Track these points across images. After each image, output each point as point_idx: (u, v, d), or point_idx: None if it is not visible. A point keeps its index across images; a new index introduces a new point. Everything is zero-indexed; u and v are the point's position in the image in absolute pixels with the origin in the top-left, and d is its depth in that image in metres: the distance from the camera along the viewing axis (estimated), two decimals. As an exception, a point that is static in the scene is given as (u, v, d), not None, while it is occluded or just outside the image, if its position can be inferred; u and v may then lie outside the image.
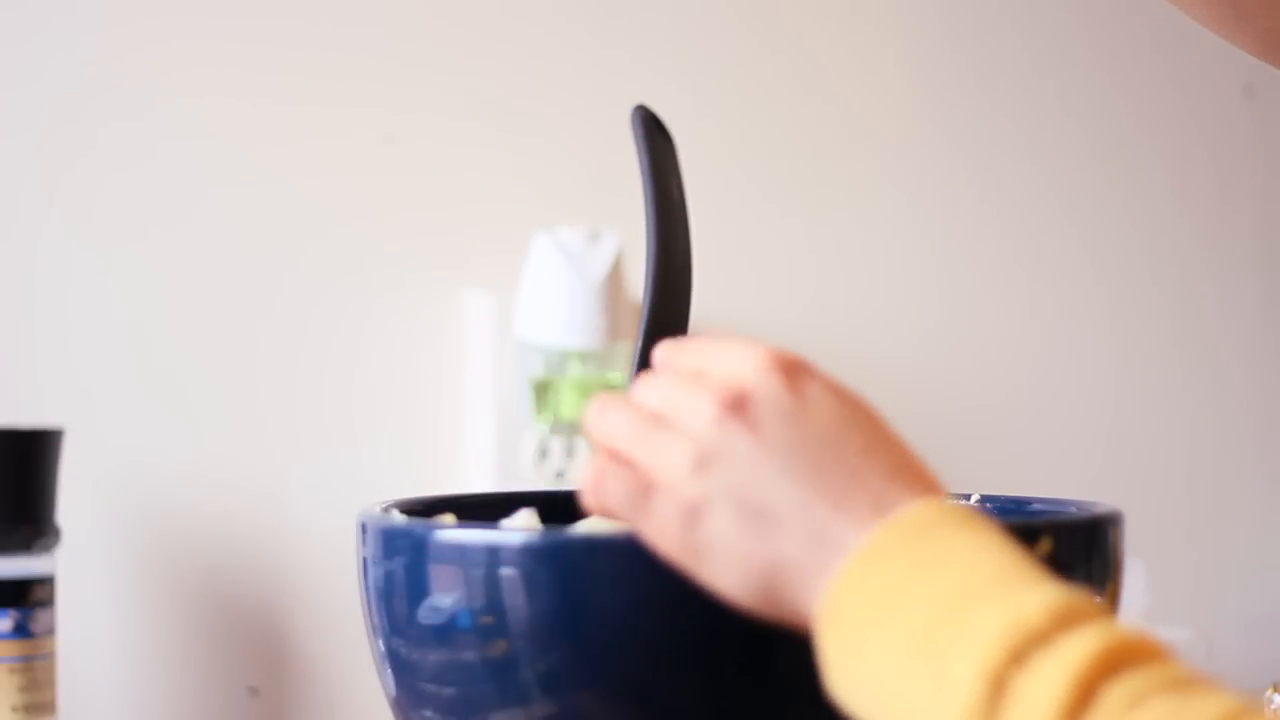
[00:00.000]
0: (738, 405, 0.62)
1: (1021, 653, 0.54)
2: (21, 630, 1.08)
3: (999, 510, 0.79)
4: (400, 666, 0.71)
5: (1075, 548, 0.69)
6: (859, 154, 1.44)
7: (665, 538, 0.62)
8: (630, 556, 0.65)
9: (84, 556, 1.19)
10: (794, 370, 0.63)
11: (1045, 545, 0.65)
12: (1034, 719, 0.53)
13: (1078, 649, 0.54)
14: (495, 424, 1.27)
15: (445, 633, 0.68)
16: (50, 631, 1.10)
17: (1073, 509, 0.76)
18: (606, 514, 0.64)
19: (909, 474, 0.62)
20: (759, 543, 0.61)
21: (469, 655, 0.67)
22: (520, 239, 1.27)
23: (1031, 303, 1.49)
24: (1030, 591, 0.56)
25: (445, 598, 0.68)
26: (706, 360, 0.64)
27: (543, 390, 1.25)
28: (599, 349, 1.24)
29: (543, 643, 0.65)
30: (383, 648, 0.72)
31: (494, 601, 0.66)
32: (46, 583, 1.10)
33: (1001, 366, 1.48)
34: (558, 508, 0.79)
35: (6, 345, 1.20)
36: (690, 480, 0.62)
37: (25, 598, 1.09)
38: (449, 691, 0.69)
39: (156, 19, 1.23)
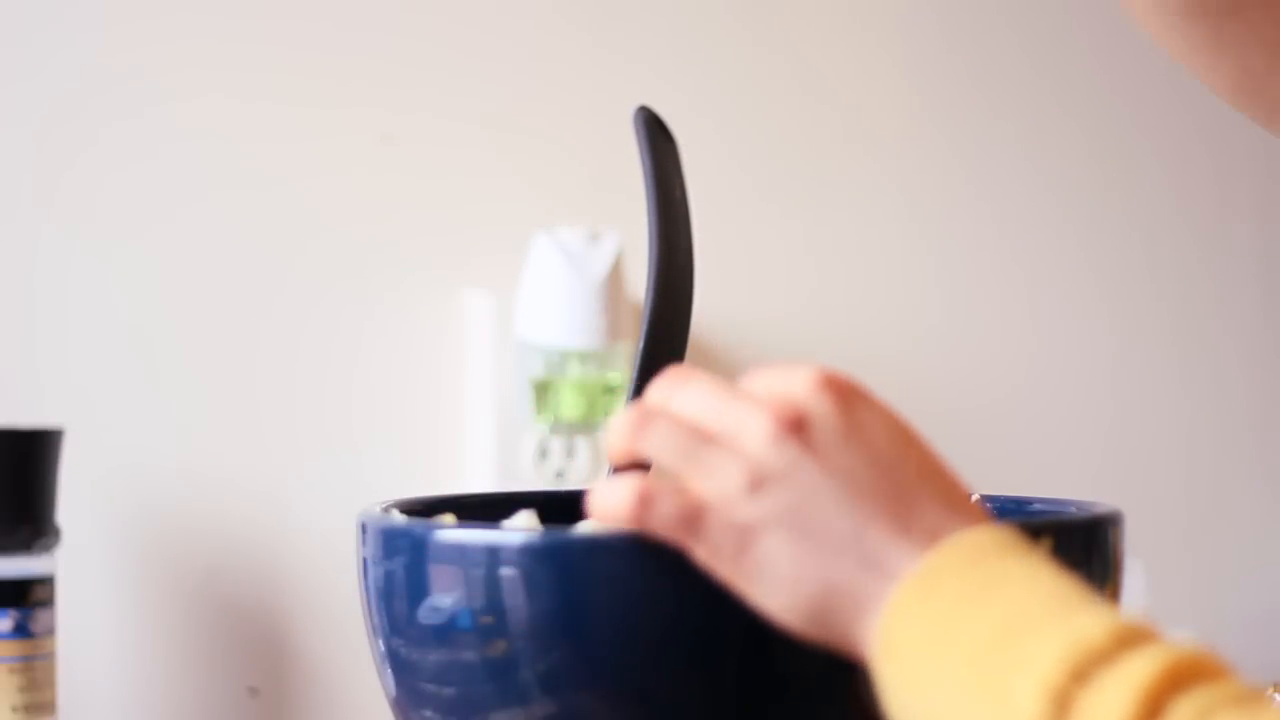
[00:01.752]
0: (796, 426, 0.61)
1: (1084, 672, 0.53)
2: (21, 630, 1.08)
3: (999, 510, 0.79)
4: (400, 666, 0.71)
5: (1075, 548, 0.69)
6: (858, 154, 1.44)
7: (719, 560, 0.61)
8: (630, 556, 0.65)
9: (84, 556, 1.19)
10: (847, 392, 0.62)
11: (1045, 545, 0.65)
12: None
13: (1142, 666, 0.53)
14: (495, 424, 1.27)
15: (445, 633, 0.68)
16: (50, 631, 1.10)
17: (1073, 509, 0.76)
18: (650, 532, 0.63)
19: (959, 500, 0.61)
20: (813, 567, 0.60)
21: (469, 655, 0.67)
22: (520, 239, 1.27)
23: (1030, 302, 1.49)
24: (1089, 615, 0.55)
25: (445, 598, 0.68)
26: (752, 380, 0.63)
27: (543, 390, 1.26)
28: (599, 349, 1.25)
29: (543, 643, 0.65)
30: (383, 648, 0.72)
31: (494, 601, 0.66)
32: (46, 583, 1.10)
33: (1001, 366, 1.48)
34: (558, 508, 0.79)
35: (6, 345, 1.20)
36: (745, 502, 0.61)
37: (25, 598, 1.09)
38: (449, 691, 0.69)
39: (156, 18, 1.23)
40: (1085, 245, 1.51)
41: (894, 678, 0.58)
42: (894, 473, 0.61)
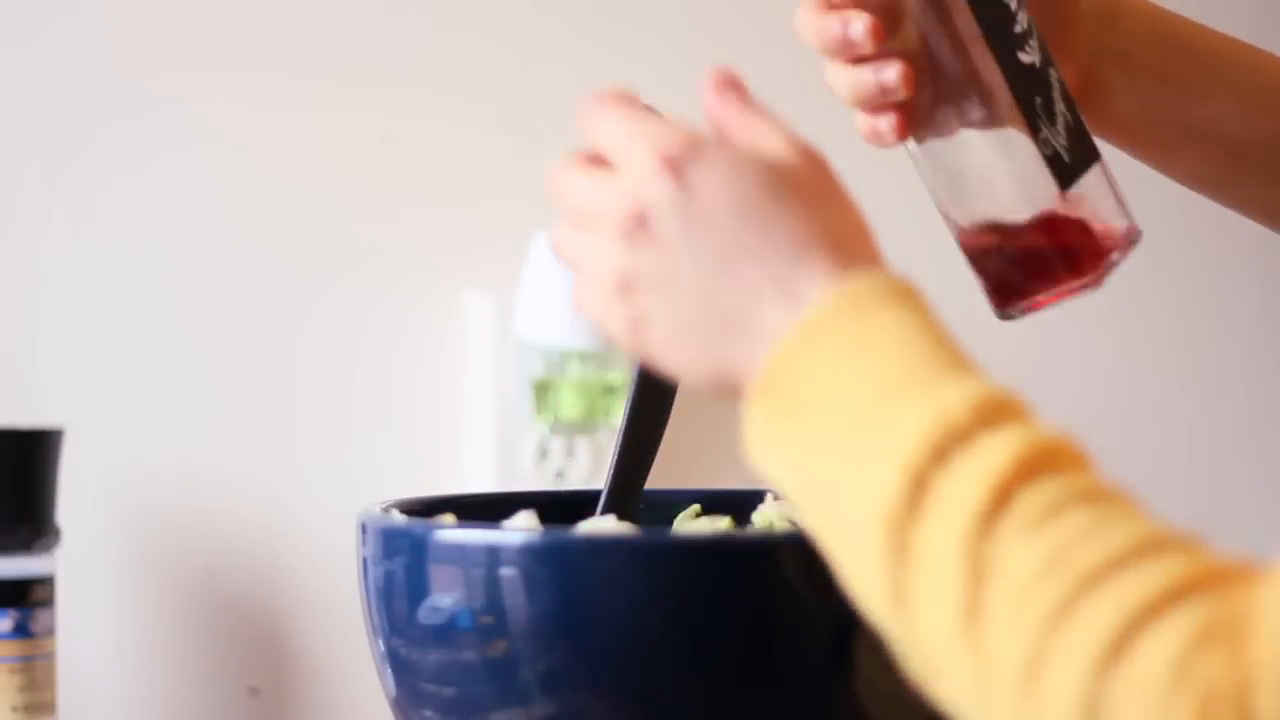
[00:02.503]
0: (638, 225, 0.62)
1: (943, 451, 0.54)
2: (21, 630, 1.08)
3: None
4: (400, 666, 0.71)
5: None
6: (858, 153, 1.43)
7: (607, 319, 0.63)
8: (630, 556, 0.65)
9: (84, 556, 1.19)
10: (679, 166, 0.63)
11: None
12: (950, 521, 0.53)
13: (998, 451, 0.54)
14: (495, 424, 1.27)
15: (445, 633, 0.68)
16: (50, 631, 1.10)
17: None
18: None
19: (830, 247, 0.61)
20: (696, 351, 0.61)
21: (469, 655, 0.67)
22: (520, 239, 1.27)
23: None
24: (954, 385, 0.56)
25: (445, 598, 0.68)
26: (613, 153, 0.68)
27: (543, 390, 1.26)
28: (599, 349, 1.25)
29: (543, 643, 0.65)
30: (383, 648, 0.72)
31: (494, 601, 0.66)
32: (46, 583, 1.10)
33: (1000, 367, 1.48)
34: (558, 508, 0.79)
35: (7, 345, 1.20)
36: (616, 313, 0.62)
37: (25, 598, 1.09)
38: (449, 691, 0.69)
39: (158, 21, 1.23)
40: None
41: (763, 428, 0.59)
42: (737, 237, 0.61)
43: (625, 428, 0.81)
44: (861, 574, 0.55)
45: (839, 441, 0.56)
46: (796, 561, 0.65)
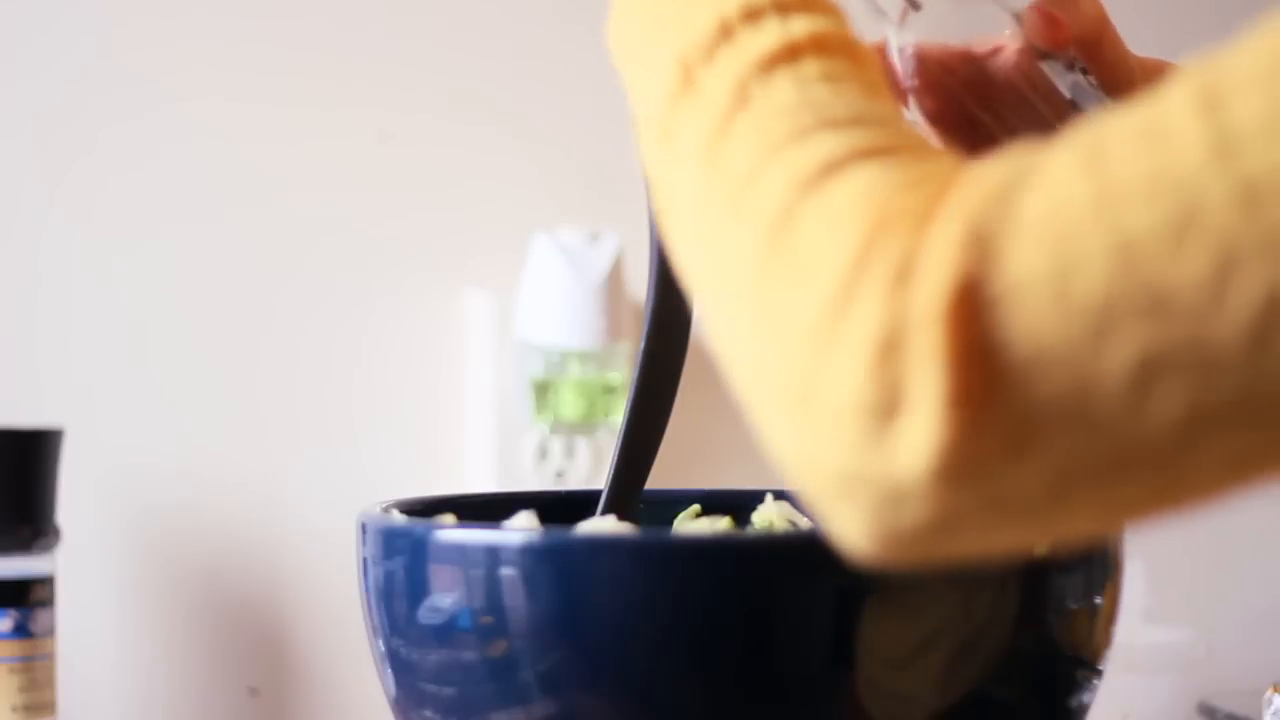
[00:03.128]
0: None
1: (757, 13, 0.57)
2: (21, 630, 1.08)
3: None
4: (400, 666, 0.71)
5: (1074, 548, 0.69)
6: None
7: None
8: (630, 556, 0.65)
9: (84, 556, 1.19)
10: None
11: (1043, 545, 0.65)
12: (737, 60, 0.56)
13: (804, 24, 0.57)
14: (495, 424, 1.27)
15: (445, 633, 0.68)
16: (50, 631, 1.10)
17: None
18: None
19: None
20: None
21: (469, 655, 0.67)
22: (520, 239, 1.27)
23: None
24: None
25: (445, 598, 0.68)
26: None
27: (543, 390, 1.26)
28: (599, 349, 1.25)
29: (543, 643, 0.65)
30: (383, 648, 0.72)
31: (494, 601, 0.66)
32: (46, 583, 1.10)
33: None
34: (558, 508, 0.79)
35: (7, 345, 1.20)
36: None
37: (25, 598, 1.09)
38: (449, 691, 0.69)
39: (157, 20, 1.23)
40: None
41: (619, 11, 0.62)
42: None
43: (625, 428, 0.81)
44: (646, 112, 0.58)
45: (644, 35, 0.60)
46: (796, 561, 0.65)
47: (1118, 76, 0.75)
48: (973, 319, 0.46)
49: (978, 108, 0.74)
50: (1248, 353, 0.45)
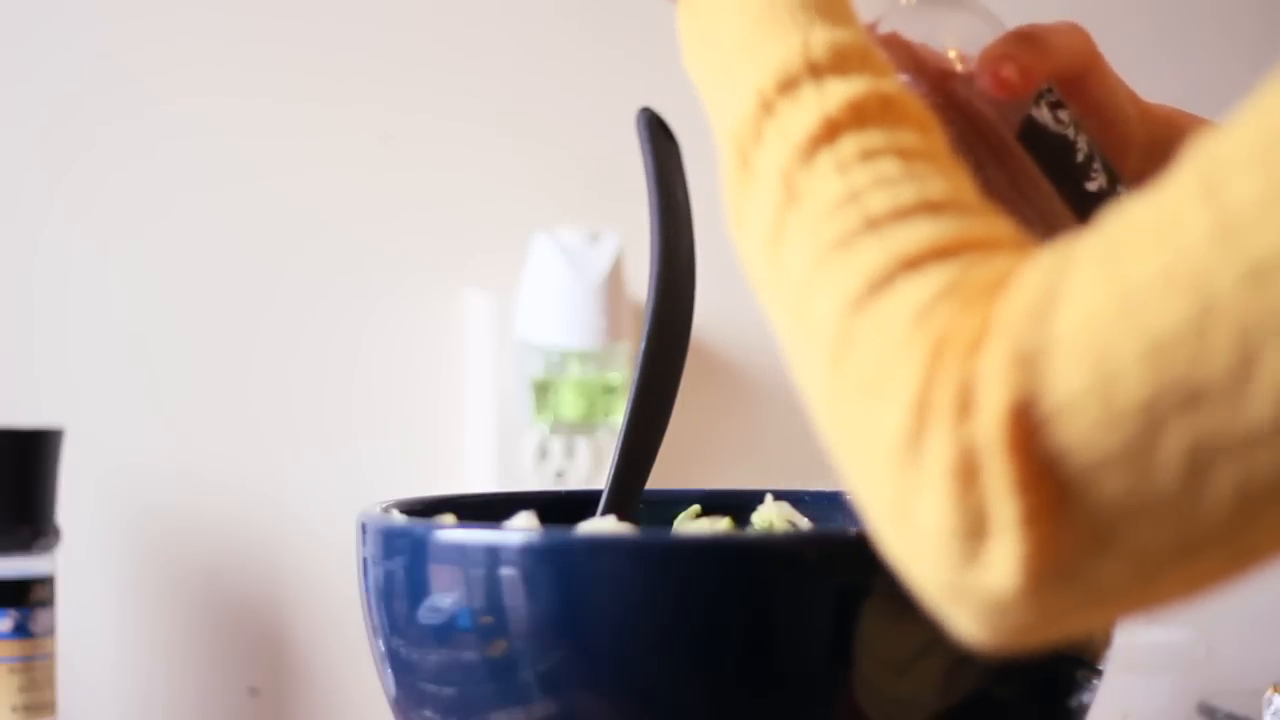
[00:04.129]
0: None
1: (793, 82, 0.58)
2: (21, 630, 1.08)
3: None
4: (400, 666, 0.71)
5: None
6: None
7: None
8: (630, 556, 0.65)
9: (84, 556, 1.19)
10: None
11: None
12: (781, 145, 0.57)
13: (838, 93, 0.58)
14: (495, 424, 1.27)
15: (445, 633, 0.68)
16: (50, 631, 1.10)
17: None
18: None
19: None
20: None
21: (469, 655, 0.67)
22: (520, 239, 1.27)
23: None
24: (828, 29, 0.60)
25: (445, 598, 0.68)
26: None
27: (543, 390, 1.25)
28: (599, 349, 1.24)
29: (543, 643, 0.65)
30: (383, 648, 0.72)
31: (494, 601, 0.66)
32: (46, 583, 1.10)
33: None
34: (558, 508, 0.79)
35: (7, 345, 1.20)
36: None
37: (25, 598, 1.09)
38: (449, 691, 0.69)
39: (157, 16, 1.23)
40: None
41: (686, 27, 0.65)
42: None
43: (625, 428, 0.81)
44: (727, 192, 0.60)
45: (725, 60, 0.61)
46: (796, 561, 0.65)
47: (1106, 115, 0.75)
48: (1031, 440, 0.49)
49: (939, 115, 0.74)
50: None
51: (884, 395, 0.52)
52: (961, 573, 0.50)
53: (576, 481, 1.26)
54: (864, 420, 0.52)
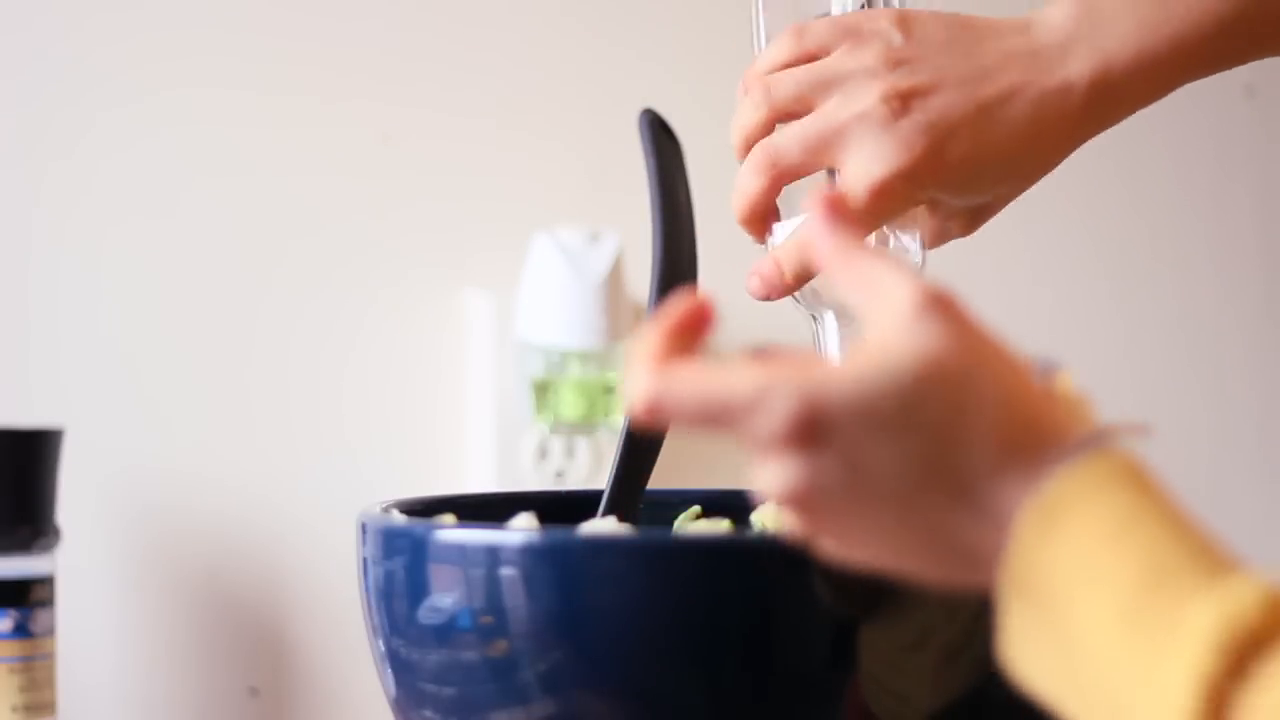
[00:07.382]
0: (806, 439, 0.53)
1: (1240, 661, 0.48)
2: (21, 630, 1.08)
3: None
4: (400, 666, 0.71)
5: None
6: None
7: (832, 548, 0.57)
8: (630, 557, 0.65)
9: (84, 557, 1.19)
10: (824, 430, 0.54)
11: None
12: None
13: None
14: (495, 424, 1.27)
15: (445, 633, 0.68)
16: (50, 631, 1.10)
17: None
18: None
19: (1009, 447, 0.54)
20: (900, 540, 0.55)
21: (469, 655, 0.67)
22: (520, 239, 1.27)
23: (1031, 301, 1.49)
24: (1238, 578, 0.50)
25: (445, 598, 0.68)
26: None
27: (543, 390, 1.25)
28: (599, 349, 1.24)
29: (543, 643, 0.65)
30: (383, 648, 0.72)
31: (494, 601, 0.66)
32: (46, 583, 1.10)
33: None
34: (558, 509, 0.79)
35: (7, 345, 1.20)
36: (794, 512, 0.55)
37: (25, 598, 1.09)
38: (449, 691, 0.69)
39: (153, 10, 1.23)
40: (1088, 243, 1.51)
41: (1021, 624, 0.53)
42: (940, 460, 0.53)
43: (626, 428, 0.81)
44: None
45: (1110, 646, 0.50)
46: (796, 562, 0.65)
47: None
48: None
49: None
50: None
51: None
52: None
53: (576, 481, 1.26)
54: None
